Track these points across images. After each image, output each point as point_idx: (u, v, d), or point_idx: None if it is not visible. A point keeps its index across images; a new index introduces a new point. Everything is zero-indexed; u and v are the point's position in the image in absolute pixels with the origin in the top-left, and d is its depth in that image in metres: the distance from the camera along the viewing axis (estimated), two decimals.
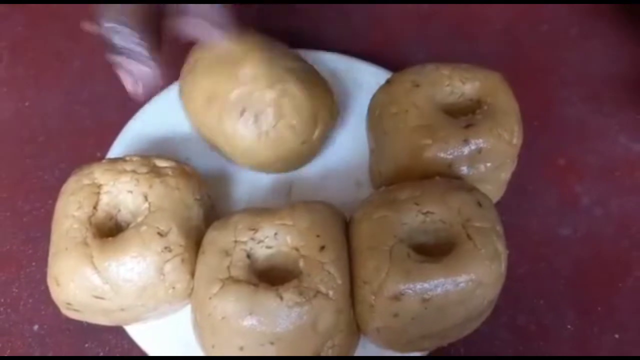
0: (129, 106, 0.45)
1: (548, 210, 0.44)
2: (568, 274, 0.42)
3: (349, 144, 0.43)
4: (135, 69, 0.34)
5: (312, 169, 0.43)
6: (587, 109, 0.48)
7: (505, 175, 0.38)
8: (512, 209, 0.41)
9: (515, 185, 0.40)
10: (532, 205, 0.44)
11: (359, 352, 0.35)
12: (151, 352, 0.37)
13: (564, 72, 0.50)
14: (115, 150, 0.44)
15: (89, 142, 0.47)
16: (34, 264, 0.43)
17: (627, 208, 0.44)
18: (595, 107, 0.48)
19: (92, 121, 0.49)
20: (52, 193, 0.43)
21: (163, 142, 0.44)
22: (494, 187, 0.37)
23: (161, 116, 0.45)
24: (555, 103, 0.49)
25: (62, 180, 0.37)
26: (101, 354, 0.40)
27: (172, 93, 0.45)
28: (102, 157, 0.44)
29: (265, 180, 0.42)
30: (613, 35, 0.52)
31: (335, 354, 0.32)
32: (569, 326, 0.40)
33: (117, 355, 0.40)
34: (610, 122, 0.48)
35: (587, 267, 0.42)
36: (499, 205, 0.37)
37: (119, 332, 0.39)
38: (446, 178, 0.34)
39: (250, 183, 0.42)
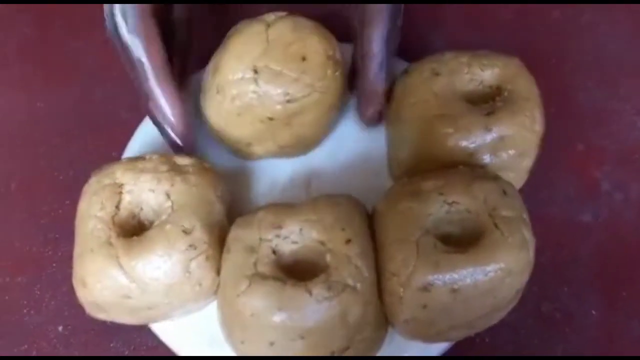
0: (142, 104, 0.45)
1: (568, 196, 0.44)
2: (591, 260, 0.41)
3: (366, 135, 0.43)
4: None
5: (330, 162, 0.42)
6: (603, 94, 0.48)
7: (528, 162, 0.37)
8: (532, 196, 0.41)
9: (534, 172, 0.40)
10: (552, 192, 0.44)
11: (385, 344, 0.35)
12: (176, 349, 0.37)
13: (578, 58, 0.50)
14: (131, 149, 0.43)
15: (104, 142, 0.47)
16: (54, 265, 0.43)
17: None
18: (610, 92, 0.48)
19: (105, 120, 0.48)
20: (68, 193, 0.43)
21: None
22: (517, 175, 0.37)
23: None
24: (570, 89, 0.48)
25: (78, 180, 0.37)
26: (126, 353, 0.40)
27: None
28: (118, 156, 0.44)
29: (283, 174, 0.42)
30: (626, 20, 0.51)
31: (364, 347, 0.32)
32: (593, 312, 0.40)
33: (143, 353, 0.40)
34: (626, 106, 0.47)
35: (609, 252, 0.42)
36: (519, 193, 0.37)
37: (143, 330, 0.39)
38: (469, 167, 0.34)
39: (268, 178, 0.42)
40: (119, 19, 0.36)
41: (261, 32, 0.37)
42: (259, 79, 0.36)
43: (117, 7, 0.36)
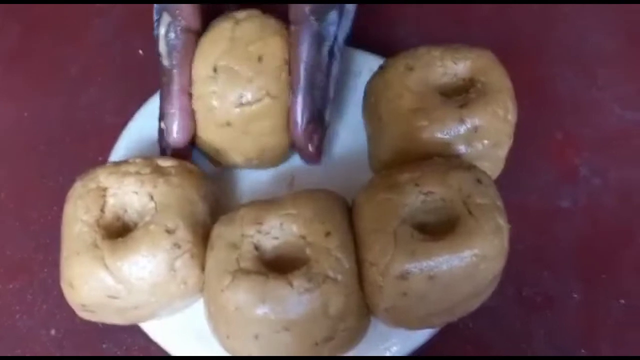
0: (128, 109, 0.46)
1: (547, 183, 0.44)
2: (571, 245, 0.42)
3: (346, 132, 0.44)
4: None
5: None
6: (581, 84, 0.49)
7: (502, 152, 0.38)
8: (512, 184, 0.41)
9: (514, 161, 0.40)
10: (532, 179, 0.44)
11: (369, 332, 0.36)
12: (166, 347, 0.38)
13: (557, 49, 0.50)
14: (116, 154, 0.44)
15: (91, 147, 0.48)
16: (45, 270, 0.44)
17: (625, 177, 0.44)
18: (589, 82, 0.49)
19: (92, 126, 0.49)
20: (57, 199, 0.43)
21: None
22: (492, 164, 0.38)
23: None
24: (549, 80, 0.49)
25: (66, 186, 0.38)
26: (119, 354, 0.40)
27: None
28: (105, 161, 0.44)
29: (266, 173, 0.43)
30: (603, 10, 0.52)
31: (347, 336, 0.33)
32: (574, 295, 0.41)
33: (135, 353, 0.40)
34: (604, 94, 0.48)
35: (589, 237, 0.42)
36: (498, 181, 0.37)
37: (134, 330, 0.40)
38: (444, 158, 0.35)
39: (252, 177, 0.43)
40: (161, 29, 0.38)
41: (227, 29, 0.38)
42: (218, 79, 0.37)
43: (163, 19, 0.38)
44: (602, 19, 0.51)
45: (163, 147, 0.40)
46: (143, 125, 0.45)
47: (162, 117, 0.39)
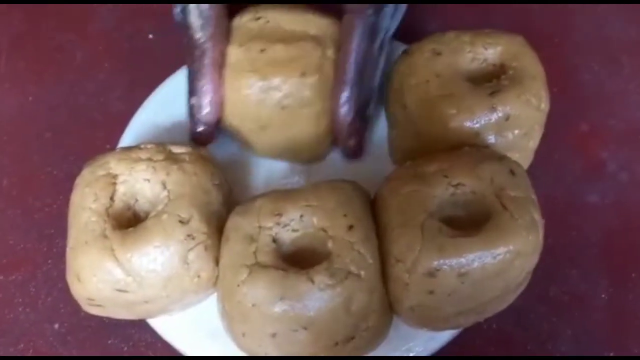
0: (136, 96, 0.44)
1: (574, 177, 0.43)
2: (598, 242, 0.41)
3: None
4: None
5: None
6: (606, 73, 0.47)
7: (533, 142, 0.36)
8: (538, 177, 0.39)
9: (539, 153, 0.39)
10: (558, 173, 0.43)
11: (390, 333, 0.34)
12: (176, 344, 0.36)
13: (580, 37, 0.49)
14: (125, 141, 0.42)
15: (97, 135, 0.46)
16: (49, 261, 0.42)
17: None
18: (613, 71, 0.47)
19: (98, 113, 0.47)
20: (62, 188, 0.42)
21: (173, 129, 0.43)
22: (522, 155, 0.36)
23: (169, 104, 0.43)
24: (572, 69, 0.47)
25: (72, 175, 0.36)
26: (125, 350, 0.39)
27: (178, 80, 0.44)
28: (112, 149, 0.42)
29: (281, 162, 0.41)
30: None
31: (369, 336, 0.31)
32: (603, 295, 0.39)
33: (142, 349, 0.39)
34: (630, 85, 0.47)
35: (617, 233, 0.41)
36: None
37: (141, 326, 0.38)
38: (475, 148, 0.33)
39: (267, 165, 0.41)
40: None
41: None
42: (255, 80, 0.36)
43: None
44: (621, 6, 0.50)
45: (194, 124, 0.38)
46: (153, 112, 0.43)
47: (192, 92, 0.37)
